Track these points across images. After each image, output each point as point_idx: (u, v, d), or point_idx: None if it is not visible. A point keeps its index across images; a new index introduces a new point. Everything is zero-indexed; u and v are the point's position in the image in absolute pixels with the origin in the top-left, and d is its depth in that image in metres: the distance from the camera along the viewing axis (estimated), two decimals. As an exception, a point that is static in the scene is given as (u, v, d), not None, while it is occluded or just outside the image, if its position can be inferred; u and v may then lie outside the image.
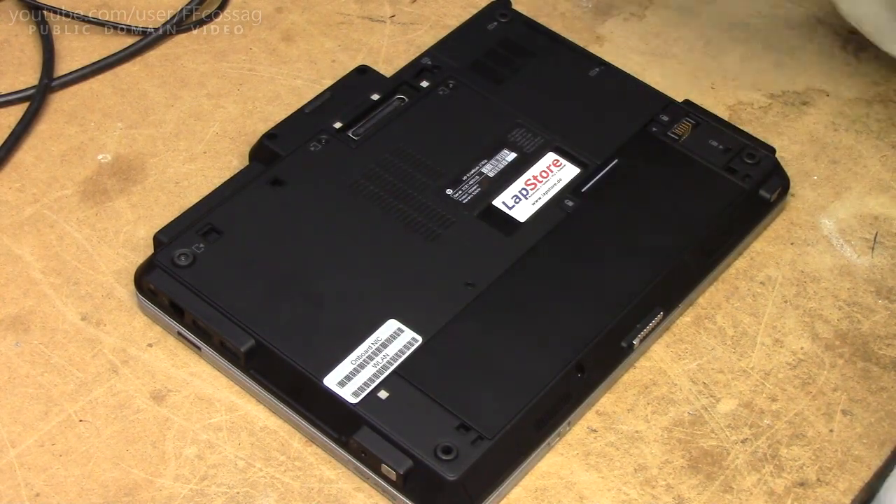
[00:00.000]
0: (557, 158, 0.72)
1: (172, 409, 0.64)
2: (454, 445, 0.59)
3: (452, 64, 0.76)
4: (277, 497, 0.61)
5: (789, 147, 0.77)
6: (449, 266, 0.66)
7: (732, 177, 0.71)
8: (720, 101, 0.79)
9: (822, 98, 0.80)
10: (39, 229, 0.71)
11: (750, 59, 0.82)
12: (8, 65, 0.80)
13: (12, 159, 0.75)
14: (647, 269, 0.67)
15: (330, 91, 0.75)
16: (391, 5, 0.85)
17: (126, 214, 0.72)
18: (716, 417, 0.65)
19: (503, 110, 0.74)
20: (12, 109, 0.77)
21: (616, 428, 0.64)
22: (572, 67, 0.77)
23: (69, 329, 0.67)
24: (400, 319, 0.64)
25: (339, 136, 0.72)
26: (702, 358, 0.67)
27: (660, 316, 0.66)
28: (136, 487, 0.61)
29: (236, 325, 0.63)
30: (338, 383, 0.61)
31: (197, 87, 0.79)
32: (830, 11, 0.84)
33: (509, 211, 0.69)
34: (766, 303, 0.69)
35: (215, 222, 0.67)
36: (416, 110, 0.74)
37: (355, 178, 0.70)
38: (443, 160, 0.71)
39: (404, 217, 0.68)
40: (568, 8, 0.85)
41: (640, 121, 0.74)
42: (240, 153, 0.75)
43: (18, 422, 0.63)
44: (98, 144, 0.76)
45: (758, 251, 0.72)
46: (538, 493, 0.62)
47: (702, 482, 0.62)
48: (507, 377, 0.62)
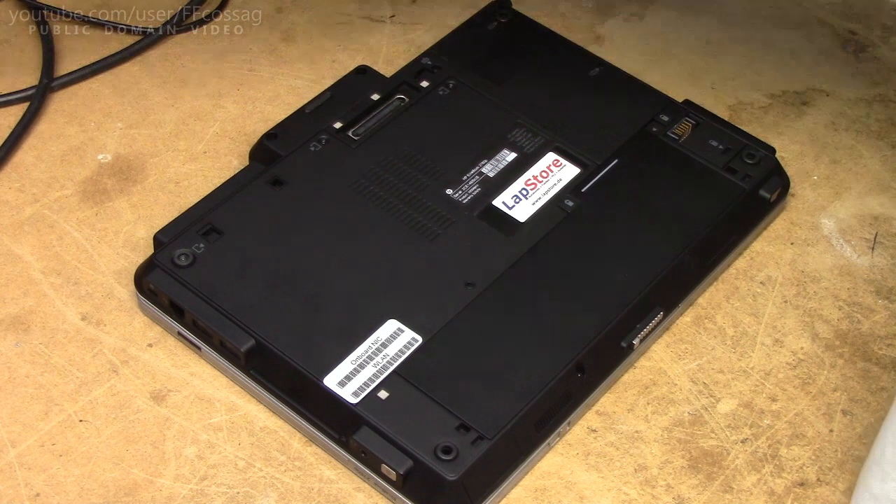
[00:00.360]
0: (557, 158, 0.72)
1: (172, 409, 0.64)
2: (454, 445, 0.59)
3: (452, 64, 0.76)
4: (277, 497, 0.61)
5: (789, 147, 0.77)
6: (449, 266, 0.66)
7: (732, 177, 0.71)
8: (720, 101, 0.79)
9: (822, 98, 0.80)
10: (39, 229, 0.71)
11: (750, 59, 0.82)
12: (8, 65, 0.80)
13: (12, 159, 0.75)
14: (647, 268, 0.67)
15: (330, 91, 0.75)
16: (391, 5, 0.85)
17: (126, 214, 0.72)
18: (716, 417, 0.65)
19: (503, 110, 0.74)
20: (12, 109, 0.77)
21: (616, 428, 0.64)
22: (572, 67, 0.77)
23: (69, 329, 0.67)
24: (400, 319, 0.64)
25: (339, 136, 0.72)
26: (702, 358, 0.67)
27: (660, 316, 0.66)
28: (136, 487, 0.61)
29: (236, 325, 0.63)
30: (338, 383, 0.61)
31: (197, 87, 0.79)
32: (830, 11, 0.84)
33: (509, 211, 0.69)
34: (766, 303, 0.69)
35: (215, 222, 0.67)
36: (416, 110, 0.74)
37: (355, 178, 0.70)
38: (443, 160, 0.71)
39: (404, 217, 0.68)
40: (568, 8, 0.85)
41: (640, 121, 0.74)
42: (240, 153, 0.75)
43: (18, 422, 0.63)
44: (98, 144, 0.76)
45: (758, 251, 0.72)
46: (538, 493, 0.62)
47: (702, 482, 0.62)
48: (508, 377, 0.62)
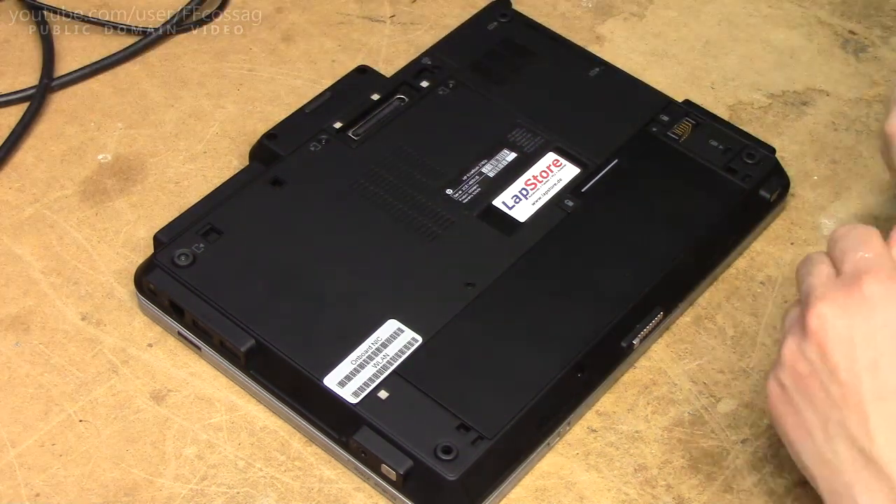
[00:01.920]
0: (557, 158, 0.72)
1: (172, 409, 0.64)
2: (454, 445, 0.59)
3: (452, 64, 0.76)
4: (277, 497, 0.61)
5: (789, 147, 0.77)
6: (449, 266, 0.66)
7: (732, 177, 0.71)
8: (720, 101, 0.79)
9: (822, 98, 0.80)
10: (39, 229, 0.71)
11: (750, 59, 0.82)
12: (8, 65, 0.80)
13: (12, 159, 0.75)
14: (647, 268, 0.67)
15: (330, 91, 0.75)
16: (391, 5, 0.85)
17: (126, 214, 0.72)
18: (716, 417, 0.65)
19: (503, 110, 0.74)
20: (12, 109, 0.77)
21: (616, 428, 0.64)
22: (572, 67, 0.77)
23: (69, 329, 0.67)
24: (400, 319, 0.64)
25: (339, 136, 0.72)
26: (702, 358, 0.67)
27: (660, 316, 0.66)
28: (136, 487, 0.61)
29: (236, 325, 0.63)
30: (338, 383, 0.61)
31: (197, 87, 0.79)
32: (830, 11, 0.84)
33: (509, 211, 0.69)
34: (766, 303, 0.69)
35: (215, 222, 0.67)
36: (416, 110, 0.74)
37: (355, 178, 0.70)
38: (443, 160, 0.71)
39: (404, 217, 0.68)
40: (568, 8, 0.85)
41: (640, 121, 0.74)
42: (240, 153, 0.75)
43: (18, 422, 0.63)
44: (98, 144, 0.76)
45: (758, 251, 0.72)
46: (538, 493, 0.62)
47: (702, 482, 0.62)
48: (507, 377, 0.62)
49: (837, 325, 0.53)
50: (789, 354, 0.54)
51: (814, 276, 0.55)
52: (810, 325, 0.53)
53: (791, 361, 0.54)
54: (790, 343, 0.54)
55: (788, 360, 0.54)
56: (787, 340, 0.55)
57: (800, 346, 0.54)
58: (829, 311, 0.53)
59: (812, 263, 0.56)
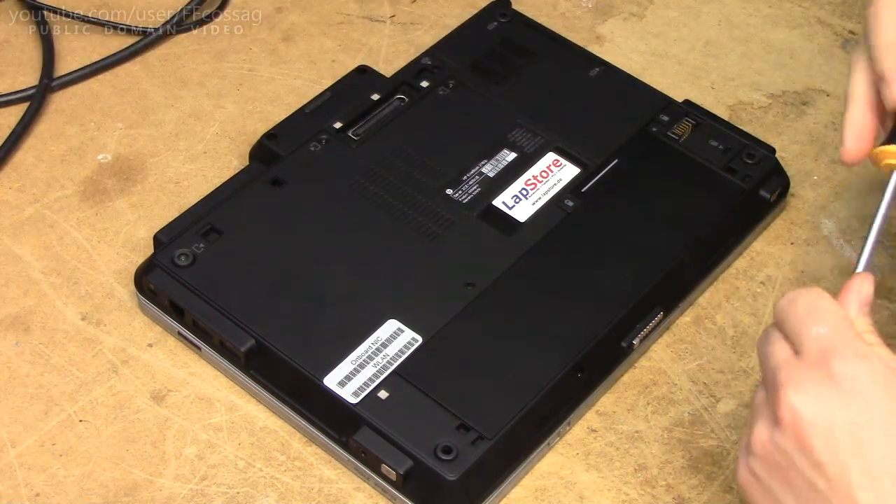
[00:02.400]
0: (557, 158, 0.72)
1: (172, 409, 0.64)
2: (454, 445, 0.59)
3: (452, 64, 0.76)
4: (277, 497, 0.61)
5: (789, 147, 0.77)
6: (449, 266, 0.66)
7: (732, 177, 0.71)
8: (720, 101, 0.79)
9: (822, 98, 0.80)
10: (39, 229, 0.71)
11: (750, 59, 0.82)
12: (8, 65, 0.80)
13: (12, 159, 0.75)
14: (647, 268, 0.67)
15: (330, 91, 0.75)
16: (391, 5, 0.85)
17: (126, 214, 0.72)
18: (716, 417, 0.65)
19: (503, 110, 0.74)
20: (12, 109, 0.77)
21: (616, 428, 0.64)
22: (572, 67, 0.77)
23: (69, 329, 0.67)
24: (400, 319, 0.64)
25: (339, 136, 0.72)
26: (702, 358, 0.67)
27: (660, 316, 0.66)
28: (136, 487, 0.61)
29: (236, 325, 0.63)
30: (338, 383, 0.61)
31: (197, 87, 0.79)
32: (830, 11, 0.84)
33: (509, 211, 0.69)
34: (766, 303, 0.69)
35: (215, 222, 0.67)
36: (416, 110, 0.74)
37: (355, 178, 0.70)
38: (443, 160, 0.71)
39: (404, 217, 0.68)
40: (568, 8, 0.85)
41: (640, 121, 0.74)
42: (240, 153, 0.75)
43: (18, 422, 0.63)
44: (98, 144, 0.76)
45: (758, 251, 0.72)
46: (538, 493, 0.62)
47: (702, 482, 0.62)
48: (507, 377, 0.62)
49: (814, 416, 0.49)
50: (761, 445, 0.50)
51: (773, 358, 0.51)
52: (783, 417, 0.49)
53: (764, 452, 0.50)
54: (761, 430, 0.51)
55: (760, 451, 0.50)
56: (758, 427, 0.51)
57: (772, 436, 0.50)
58: (801, 402, 0.49)
59: (769, 342, 0.52)
